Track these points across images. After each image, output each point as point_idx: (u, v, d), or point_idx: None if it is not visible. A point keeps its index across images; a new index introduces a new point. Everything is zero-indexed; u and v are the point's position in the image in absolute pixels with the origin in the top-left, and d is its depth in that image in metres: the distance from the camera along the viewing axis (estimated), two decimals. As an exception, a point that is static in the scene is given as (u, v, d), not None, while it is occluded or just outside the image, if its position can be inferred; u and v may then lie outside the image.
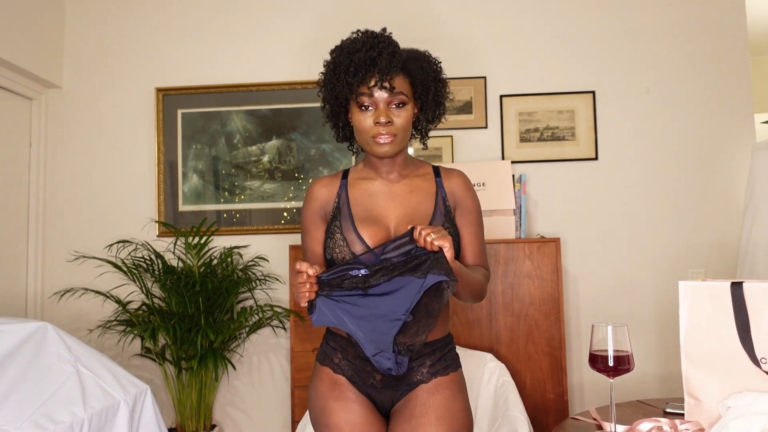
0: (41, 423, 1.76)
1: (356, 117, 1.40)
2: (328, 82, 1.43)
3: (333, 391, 1.42)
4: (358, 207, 1.45)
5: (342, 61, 1.38)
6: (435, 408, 1.37)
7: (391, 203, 1.45)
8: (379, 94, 1.37)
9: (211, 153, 3.14)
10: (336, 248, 1.40)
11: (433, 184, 1.48)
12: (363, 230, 1.40)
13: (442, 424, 1.35)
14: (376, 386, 1.41)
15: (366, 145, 1.42)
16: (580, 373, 2.90)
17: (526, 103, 3.02)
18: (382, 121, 1.36)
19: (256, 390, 3.06)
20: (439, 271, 1.19)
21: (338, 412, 1.40)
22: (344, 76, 1.38)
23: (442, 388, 1.40)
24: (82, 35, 3.24)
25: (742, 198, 2.87)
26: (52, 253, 3.16)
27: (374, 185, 1.48)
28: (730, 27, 2.97)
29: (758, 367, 1.26)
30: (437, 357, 1.42)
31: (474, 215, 1.49)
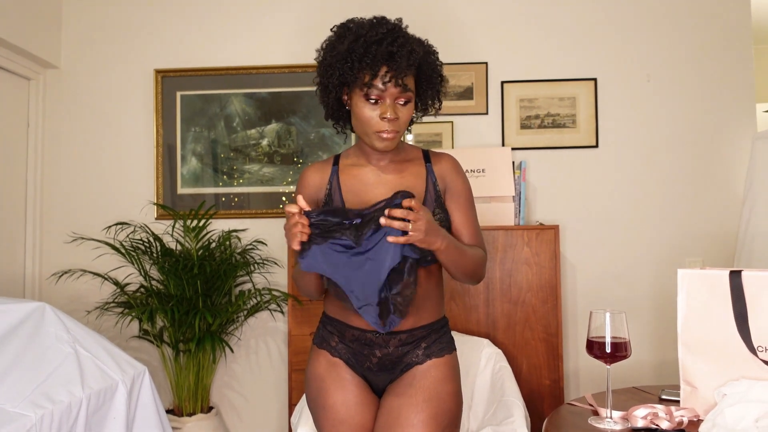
0: (39, 402, 1.77)
1: (360, 108, 1.38)
2: (334, 64, 1.38)
3: (330, 372, 1.45)
4: (350, 194, 1.45)
5: (356, 48, 1.34)
6: (424, 389, 1.39)
7: (382, 188, 1.45)
8: (390, 90, 1.35)
9: (210, 136, 3.13)
10: None
11: (423, 168, 1.48)
12: None
13: (428, 406, 1.37)
14: (373, 369, 1.44)
15: (366, 137, 1.41)
16: (577, 360, 2.91)
17: (527, 89, 3.01)
18: (390, 116, 1.35)
19: (253, 373, 3.08)
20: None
21: (335, 392, 1.43)
22: (357, 65, 1.34)
23: (435, 369, 1.42)
24: (80, 15, 3.21)
25: (741, 187, 2.86)
26: (50, 234, 3.15)
27: (365, 172, 1.48)
28: (734, 15, 2.95)
29: (755, 355, 1.27)
30: (432, 339, 1.44)
31: (464, 197, 1.49)
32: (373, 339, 1.42)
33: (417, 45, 1.39)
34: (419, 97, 1.46)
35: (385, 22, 1.38)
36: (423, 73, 1.42)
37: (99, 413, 1.97)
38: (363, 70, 1.34)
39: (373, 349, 1.42)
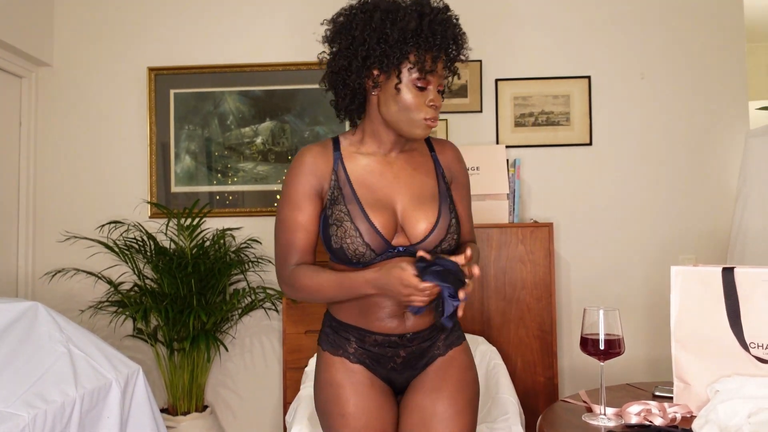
0: (32, 402, 1.76)
1: (407, 93, 1.28)
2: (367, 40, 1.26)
3: (349, 379, 1.37)
4: (362, 188, 1.35)
5: (422, 29, 1.23)
6: (454, 380, 1.39)
7: (395, 183, 1.37)
8: (439, 77, 1.30)
9: (203, 134, 3.12)
10: (347, 238, 1.31)
11: (429, 159, 1.44)
12: (374, 218, 1.32)
13: (461, 396, 1.38)
14: (397, 368, 1.40)
15: (405, 124, 1.31)
16: (571, 357, 2.92)
17: (521, 87, 3.01)
18: (438, 104, 1.30)
19: (248, 371, 3.07)
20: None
21: (356, 400, 1.36)
22: (423, 43, 1.24)
23: (457, 358, 1.42)
24: (72, 12, 3.19)
25: (734, 184, 2.88)
26: (43, 233, 3.13)
27: (373, 162, 1.38)
28: (727, 13, 2.96)
29: (747, 352, 1.28)
30: (449, 330, 1.43)
31: (466, 189, 1.48)
32: (397, 341, 1.37)
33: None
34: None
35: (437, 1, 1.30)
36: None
37: (92, 413, 1.96)
38: (427, 51, 1.25)
39: (398, 350, 1.38)
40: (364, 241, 1.30)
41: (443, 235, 1.34)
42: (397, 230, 1.34)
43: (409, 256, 1.31)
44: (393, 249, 1.32)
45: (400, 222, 1.35)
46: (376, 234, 1.31)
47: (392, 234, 1.33)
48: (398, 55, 1.25)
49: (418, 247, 1.32)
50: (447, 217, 1.36)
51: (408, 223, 1.34)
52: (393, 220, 1.34)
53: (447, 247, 1.34)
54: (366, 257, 1.31)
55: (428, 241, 1.33)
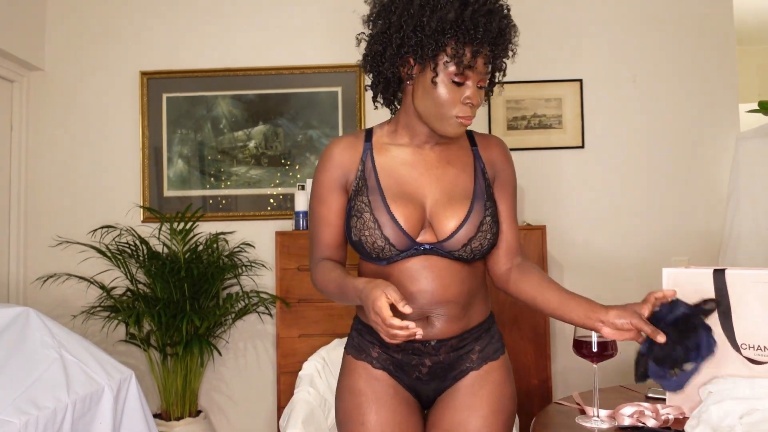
0: (24, 408, 1.75)
1: (442, 88, 1.17)
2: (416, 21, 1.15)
3: (372, 386, 1.28)
4: (389, 179, 1.25)
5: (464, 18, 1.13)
6: (490, 400, 1.27)
7: (426, 177, 1.26)
8: (479, 72, 1.18)
9: (196, 138, 3.11)
10: (366, 230, 1.22)
11: (469, 153, 1.32)
12: (396, 210, 1.22)
13: (497, 418, 1.27)
14: (422, 379, 1.29)
15: (437, 119, 1.21)
16: (564, 359, 2.93)
17: (513, 90, 3.02)
18: (475, 102, 1.19)
19: (241, 376, 3.06)
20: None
21: (377, 409, 1.26)
22: (463, 36, 1.13)
23: (494, 374, 1.29)
24: (64, 16, 3.18)
25: (725, 186, 2.90)
26: (35, 238, 3.12)
27: (405, 153, 1.28)
28: (717, 16, 2.98)
29: (738, 353, 1.28)
30: (486, 341, 1.31)
31: (513, 188, 1.36)
32: (421, 348, 1.26)
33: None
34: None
35: None
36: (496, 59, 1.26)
37: (85, 419, 1.95)
38: (467, 44, 1.14)
39: (423, 358, 1.26)
40: (382, 234, 1.21)
41: (473, 233, 1.23)
42: (424, 226, 1.24)
43: (435, 255, 1.22)
44: (418, 246, 1.22)
45: (429, 218, 1.25)
46: (396, 227, 1.21)
47: (417, 230, 1.23)
48: (434, 47, 1.15)
49: (445, 244, 1.22)
50: (480, 214, 1.24)
51: (436, 218, 1.24)
52: (420, 214, 1.24)
53: (478, 246, 1.24)
54: (386, 252, 1.22)
55: (456, 239, 1.22)
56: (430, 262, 1.23)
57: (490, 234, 1.26)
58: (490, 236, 1.26)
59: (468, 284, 1.27)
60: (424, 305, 1.23)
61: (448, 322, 1.25)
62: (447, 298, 1.24)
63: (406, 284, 1.22)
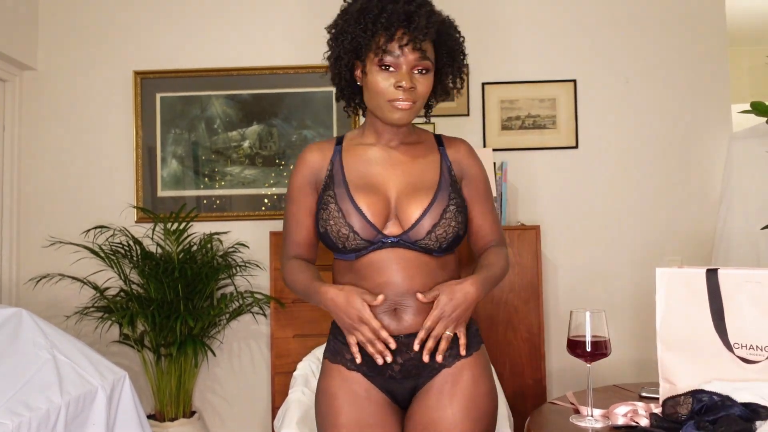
0: (16, 410, 1.74)
1: (374, 77, 1.25)
2: (346, 30, 1.26)
3: (344, 389, 1.31)
4: (354, 174, 1.32)
5: (371, 8, 1.23)
6: (460, 397, 1.27)
7: (391, 171, 1.32)
8: (407, 56, 1.23)
9: (190, 138, 3.10)
10: (330, 220, 1.28)
11: (436, 152, 1.37)
12: (360, 199, 1.28)
13: (467, 416, 1.27)
14: (396, 377, 1.31)
15: (378, 109, 1.28)
16: (558, 359, 2.94)
17: (508, 91, 3.03)
18: (405, 85, 1.23)
19: (236, 376, 3.06)
20: None
21: (348, 411, 1.29)
22: (371, 26, 1.23)
23: (466, 371, 1.30)
24: (57, 15, 3.16)
25: (718, 187, 2.91)
26: (27, 239, 3.10)
27: (372, 151, 1.35)
28: (710, 18, 3.00)
29: (731, 353, 1.29)
30: (455, 337, 1.32)
31: (483, 184, 1.40)
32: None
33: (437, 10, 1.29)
34: (439, 72, 1.33)
35: None
36: (444, 44, 1.30)
37: (78, 420, 1.94)
38: (378, 32, 1.22)
39: (395, 355, 1.27)
40: (346, 222, 1.26)
41: (437, 220, 1.27)
42: (390, 218, 1.29)
43: (402, 247, 1.26)
44: (385, 238, 1.27)
45: (394, 209, 1.29)
46: (359, 215, 1.26)
47: (383, 220, 1.28)
48: (362, 41, 1.25)
49: (410, 234, 1.26)
50: (444, 202, 1.29)
51: (401, 208, 1.29)
52: (384, 204, 1.29)
53: (442, 234, 1.27)
54: (350, 241, 1.27)
55: (420, 226, 1.27)
56: (397, 254, 1.27)
57: (454, 222, 1.29)
58: (455, 224, 1.30)
59: (436, 277, 1.30)
60: (391, 296, 1.27)
61: (415, 314, 1.28)
62: (413, 290, 1.27)
63: (373, 276, 1.28)
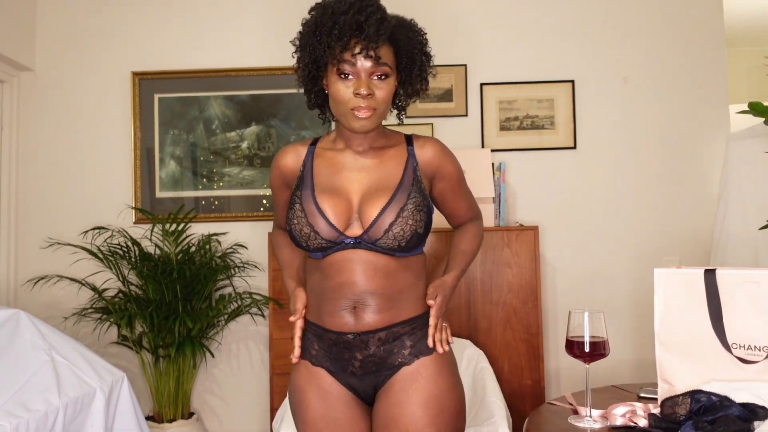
0: (15, 411, 1.74)
1: (334, 85, 1.29)
2: (306, 43, 1.32)
3: (310, 384, 1.35)
4: (321, 177, 1.37)
5: (325, 21, 1.27)
6: (418, 393, 1.30)
7: (357, 174, 1.36)
8: (362, 63, 1.27)
9: (189, 139, 3.10)
10: (294, 219, 1.33)
11: (404, 152, 1.39)
12: (323, 201, 1.32)
13: (427, 411, 1.29)
14: (356, 374, 1.33)
15: (342, 117, 1.32)
16: (557, 359, 2.94)
17: (506, 91, 3.03)
18: (363, 92, 1.26)
19: (234, 377, 3.05)
20: None
21: (315, 405, 1.34)
22: (326, 38, 1.27)
23: (425, 368, 1.32)
24: (55, 16, 3.16)
25: (716, 187, 2.92)
26: (26, 240, 3.10)
27: (341, 156, 1.39)
28: (707, 18, 3.00)
29: (729, 353, 1.29)
30: (418, 336, 1.34)
31: (456, 178, 1.43)
32: (351, 341, 1.31)
33: (390, 16, 1.31)
34: (401, 75, 1.36)
35: None
36: (402, 47, 1.34)
37: (76, 421, 1.94)
38: (332, 43, 1.26)
39: (354, 352, 1.31)
40: (308, 222, 1.31)
41: (393, 218, 1.29)
42: (353, 220, 1.32)
43: (364, 249, 1.30)
44: (348, 239, 1.30)
45: (356, 211, 1.32)
46: (321, 216, 1.30)
47: (345, 222, 1.31)
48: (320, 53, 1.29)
49: (370, 234, 1.29)
50: (402, 201, 1.31)
51: (362, 210, 1.32)
52: (346, 206, 1.32)
53: (399, 232, 1.29)
54: (312, 241, 1.31)
55: (378, 225, 1.29)
56: (358, 255, 1.30)
57: (411, 220, 1.30)
58: (412, 222, 1.30)
59: (395, 278, 1.32)
60: (350, 295, 1.31)
61: (373, 313, 1.31)
62: (371, 290, 1.30)
63: (335, 276, 1.31)
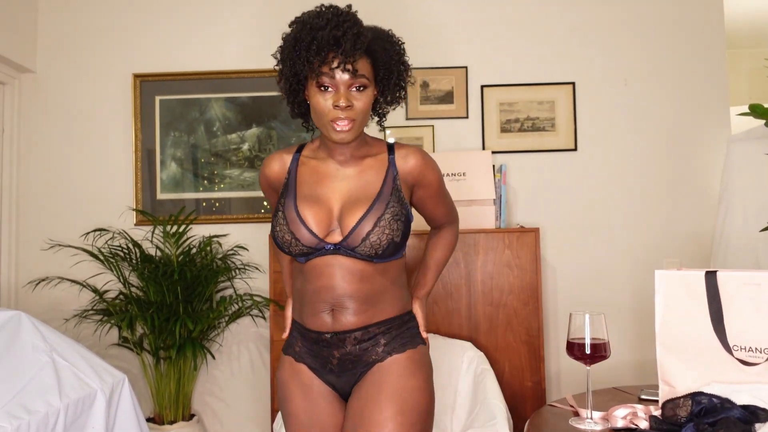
0: (15, 413, 1.74)
1: (315, 98, 1.34)
2: (286, 57, 1.36)
3: (293, 379, 1.43)
4: (304, 186, 1.42)
5: (303, 37, 1.31)
6: (386, 386, 1.34)
7: (338, 184, 1.41)
8: (341, 76, 1.31)
9: (189, 141, 3.10)
10: (277, 226, 1.38)
11: (385, 162, 1.43)
12: (303, 209, 1.37)
13: (391, 403, 1.33)
14: (335, 371, 1.40)
15: (323, 128, 1.36)
16: (558, 361, 2.94)
17: (506, 93, 3.03)
18: (342, 104, 1.31)
19: (235, 379, 3.05)
20: None
21: (298, 399, 1.42)
22: (305, 53, 1.31)
23: (396, 365, 1.37)
24: (56, 18, 3.17)
25: (716, 189, 2.91)
26: (27, 242, 3.10)
27: (324, 165, 1.44)
28: (708, 20, 3.01)
29: (730, 355, 1.29)
30: (393, 335, 1.39)
31: (435, 187, 1.47)
32: (329, 340, 1.38)
33: (366, 29, 1.35)
34: (380, 86, 1.41)
35: (332, 8, 1.34)
36: (379, 58, 1.38)
37: (77, 423, 1.94)
38: (311, 58, 1.30)
39: (332, 350, 1.38)
40: (289, 229, 1.36)
41: (371, 228, 1.33)
42: (333, 227, 1.37)
43: (342, 255, 1.34)
44: (327, 245, 1.35)
45: (336, 219, 1.37)
46: (301, 224, 1.35)
47: (325, 229, 1.36)
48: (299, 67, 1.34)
49: (348, 241, 1.33)
50: (380, 211, 1.35)
51: (342, 218, 1.36)
52: (326, 214, 1.37)
53: (377, 241, 1.33)
54: (293, 247, 1.36)
55: (356, 233, 1.33)
56: (337, 261, 1.36)
57: (388, 230, 1.34)
58: (389, 231, 1.34)
59: (372, 283, 1.37)
60: (329, 299, 1.37)
61: (349, 315, 1.37)
62: (348, 293, 1.36)
63: (315, 279, 1.38)
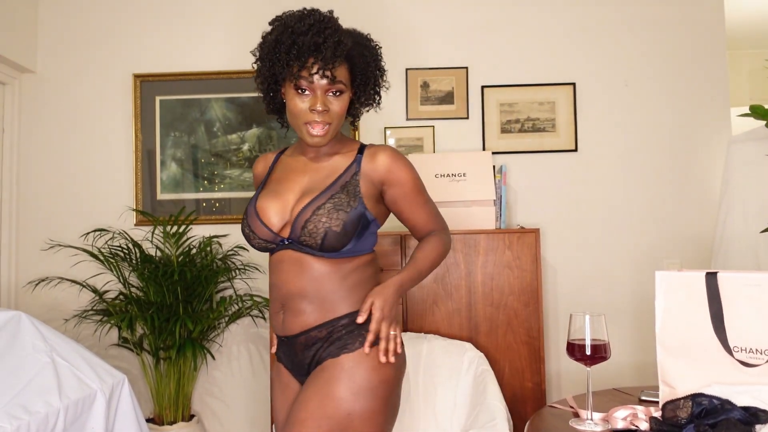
0: (15, 413, 1.74)
1: (291, 100, 1.36)
2: (265, 57, 1.38)
3: (276, 379, 1.50)
4: (273, 182, 1.48)
5: (284, 40, 1.33)
6: (319, 380, 1.33)
7: (300, 177, 1.43)
8: (319, 82, 1.33)
9: (190, 141, 3.10)
10: (243, 220, 1.43)
11: (350, 159, 1.42)
12: (263, 202, 1.41)
13: (306, 406, 1.31)
14: (302, 372, 1.44)
15: (297, 129, 1.38)
16: (558, 362, 2.93)
17: (507, 94, 3.03)
18: (319, 108, 1.33)
19: (235, 380, 3.05)
20: None
21: (279, 397, 1.48)
22: (285, 56, 1.33)
23: (325, 371, 1.33)
24: (56, 18, 3.17)
25: (717, 190, 2.91)
26: (26, 242, 3.10)
27: (295, 161, 1.48)
28: (708, 22, 3.01)
29: (731, 356, 1.29)
30: (334, 338, 1.35)
31: (409, 186, 1.42)
32: (286, 342, 1.43)
33: (346, 36, 1.36)
34: (356, 90, 1.42)
35: (314, 13, 1.36)
36: (356, 65, 1.39)
37: (77, 424, 1.94)
38: (290, 61, 1.32)
39: (296, 352, 1.42)
40: (247, 222, 1.41)
41: (309, 216, 1.32)
42: (287, 219, 1.39)
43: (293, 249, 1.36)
44: (283, 240, 1.37)
45: (290, 211, 1.39)
46: (255, 217, 1.39)
47: (280, 223, 1.39)
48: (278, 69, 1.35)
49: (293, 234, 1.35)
50: (321, 201, 1.34)
51: (293, 210, 1.39)
52: (282, 208, 1.40)
53: (313, 229, 1.31)
54: (252, 240, 1.41)
55: (297, 223, 1.34)
56: (287, 255, 1.37)
57: (326, 218, 1.32)
58: (326, 219, 1.32)
59: (322, 282, 1.35)
60: (279, 297, 1.41)
61: (293, 316, 1.38)
62: (291, 291, 1.37)
63: (272, 275, 1.43)
